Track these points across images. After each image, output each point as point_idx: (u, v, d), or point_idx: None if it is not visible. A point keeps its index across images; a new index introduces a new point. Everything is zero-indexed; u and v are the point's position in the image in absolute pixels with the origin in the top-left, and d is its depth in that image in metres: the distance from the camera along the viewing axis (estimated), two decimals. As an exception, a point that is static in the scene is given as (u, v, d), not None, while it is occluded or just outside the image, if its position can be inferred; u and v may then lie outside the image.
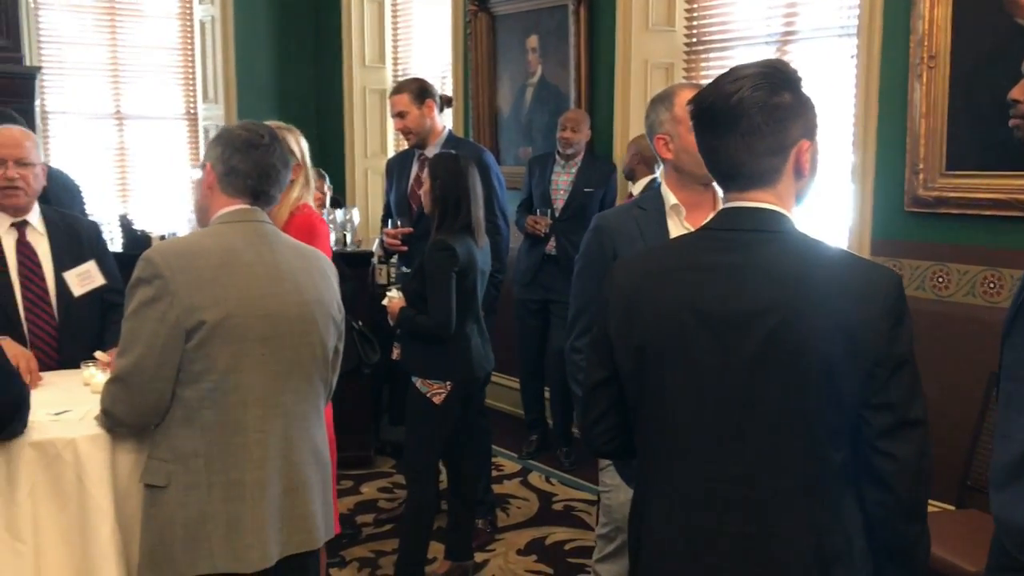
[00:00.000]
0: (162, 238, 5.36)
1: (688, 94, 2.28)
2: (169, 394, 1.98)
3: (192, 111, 6.71)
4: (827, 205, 4.01)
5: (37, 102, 5.74)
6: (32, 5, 5.93)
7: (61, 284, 2.72)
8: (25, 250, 2.71)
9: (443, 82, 6.21)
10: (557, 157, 4.72)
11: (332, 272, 2.25)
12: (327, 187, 4.56)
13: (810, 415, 1.43)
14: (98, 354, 2.60)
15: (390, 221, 4.07)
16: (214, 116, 6.60)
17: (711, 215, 2.28)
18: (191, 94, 6.70)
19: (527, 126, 5.39)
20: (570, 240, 4.58)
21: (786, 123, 1.48)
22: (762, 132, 1.47)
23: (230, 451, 2.00)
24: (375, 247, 4.85)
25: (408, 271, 3.88)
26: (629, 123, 4.77)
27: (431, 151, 3.94)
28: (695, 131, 1.57)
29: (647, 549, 1.58)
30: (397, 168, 4.20)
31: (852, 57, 3.86)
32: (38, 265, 2.72)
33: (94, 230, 2.94)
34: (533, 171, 4.77)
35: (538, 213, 4.65)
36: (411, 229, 3.93)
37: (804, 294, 1.43)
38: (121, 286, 2.68)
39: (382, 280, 4.88)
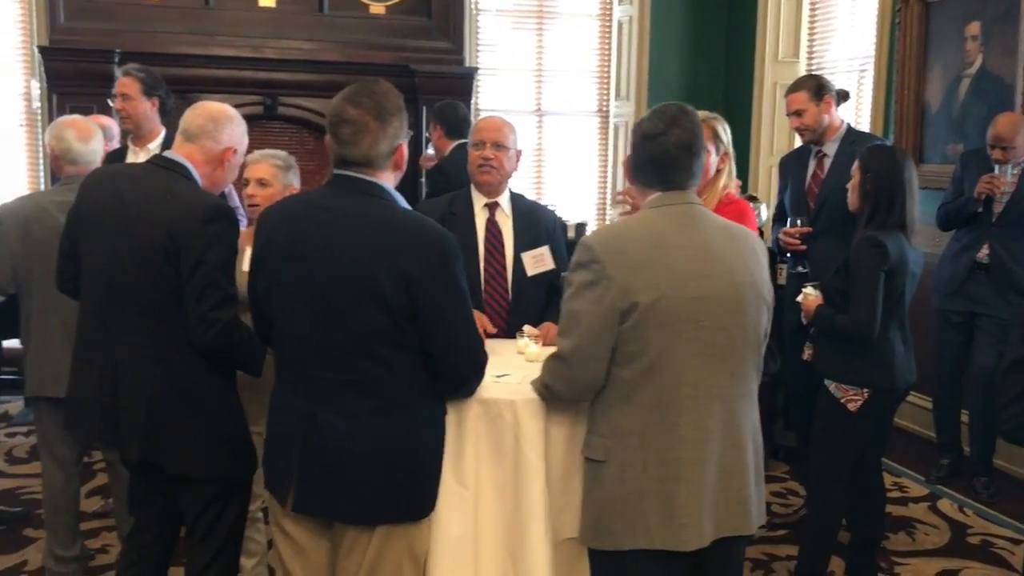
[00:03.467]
0: (578, 227, 5.68)
1: None
2: (604, 373, 2.05)
3: (604, 108, 7.00)
4: None
5: (472, 100, 6.34)
6: (474, 12, 6.55)
7: (518, 263, 2.98)
8: (493, 228, 3.02)
9: (861, 76, 5.87)
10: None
11: (763, 251, 2.20)
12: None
13: None
14: (527, 328, 2.80)
15: (789, 220, 3.93)
16: (624, 113, 6.82)
17: None
18: (605, 91, 6.98)
19: (959, 121, 4.91)
20: (1006, 248, 4.12)
21: None
22: None
23: (664, 431, 2.02)
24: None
25: (804, 270, 3.76)
26: (1091, 119, 4.15)
27: (829, 147, 3.91)
28: None
29: None
30: (793, 166, 4.09)
31: None
32: (501, 243, 3.01)
33: (552, 219, 3.18)
34: (969, 168, 4.29)
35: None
36: (810, 228, 3.79)
37: None
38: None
39: (780, 281, 4.72)
